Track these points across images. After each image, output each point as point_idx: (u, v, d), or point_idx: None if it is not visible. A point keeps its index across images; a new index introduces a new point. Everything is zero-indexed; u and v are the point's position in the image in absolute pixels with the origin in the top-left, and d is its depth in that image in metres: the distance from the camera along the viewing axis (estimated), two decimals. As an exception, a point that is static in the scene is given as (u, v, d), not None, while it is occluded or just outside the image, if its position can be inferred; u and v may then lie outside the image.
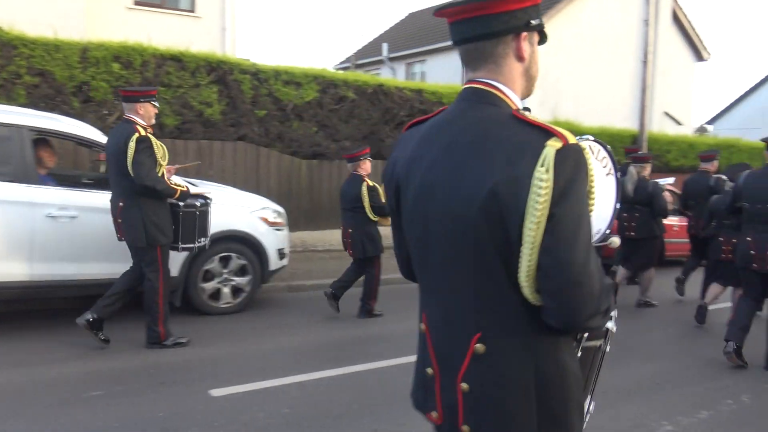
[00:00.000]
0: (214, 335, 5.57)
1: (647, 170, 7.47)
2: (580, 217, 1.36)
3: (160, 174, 4.91)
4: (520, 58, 1.49)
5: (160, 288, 5.01)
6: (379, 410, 4.09)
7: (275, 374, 4.64)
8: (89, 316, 4.95)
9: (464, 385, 1.47)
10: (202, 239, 5.42)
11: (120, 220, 4.98)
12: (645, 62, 13.78)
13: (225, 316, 6.07)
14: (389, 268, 8.93)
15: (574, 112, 16.19)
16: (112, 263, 5.42)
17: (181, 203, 5.18)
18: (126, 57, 8.64)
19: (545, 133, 1.36)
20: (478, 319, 1.45)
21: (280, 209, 6.99)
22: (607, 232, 2.21)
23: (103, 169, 6.44)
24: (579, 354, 1.59)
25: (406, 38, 24.35)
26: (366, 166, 6.41)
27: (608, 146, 2.33)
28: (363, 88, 10.53)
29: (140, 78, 8.66)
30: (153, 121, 5.07)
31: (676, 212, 9.34)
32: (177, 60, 8.97)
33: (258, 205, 6.69)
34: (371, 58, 24.70)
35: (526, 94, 1.56)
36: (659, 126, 19.27)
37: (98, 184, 6.06)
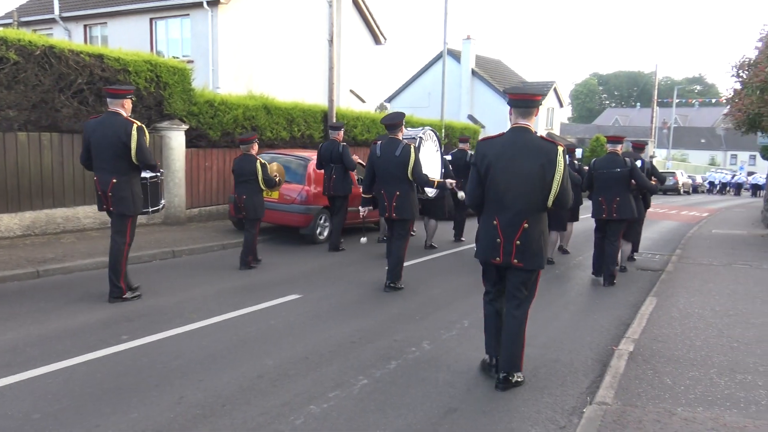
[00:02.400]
0: None
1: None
2: (569, 174, 4.40)
3: None
4: (536, 115, 4.29)
5: (125, 250, 6.13)
6: (67, 415, 3.60)
7: None
8: (127, 296, 6.23)
9: (518, 242, 4.12)
10: (162, 202, 6.98)
11: (110, 194, 5.97)
12: (331, 42, 14.56)
13: None
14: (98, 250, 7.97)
15: (268, 87, 16.41)
16: None
17: (148, 176, 6.49)
18: None
19: (555, 144, 4.14)
20: (526, 215, 4.12)
21: None
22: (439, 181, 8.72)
23: None
24: None
25: (83, -4, 21.72)
26: (255, 148, 8.15)
27: (438, 133, 7.88)
28: (28, 50, 9.01)
29: None
30: (129, 113, 6.08)
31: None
32: None
33: None
34: (39, 15, 21.48)
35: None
36: (346, 102, 20.73)
37: None
